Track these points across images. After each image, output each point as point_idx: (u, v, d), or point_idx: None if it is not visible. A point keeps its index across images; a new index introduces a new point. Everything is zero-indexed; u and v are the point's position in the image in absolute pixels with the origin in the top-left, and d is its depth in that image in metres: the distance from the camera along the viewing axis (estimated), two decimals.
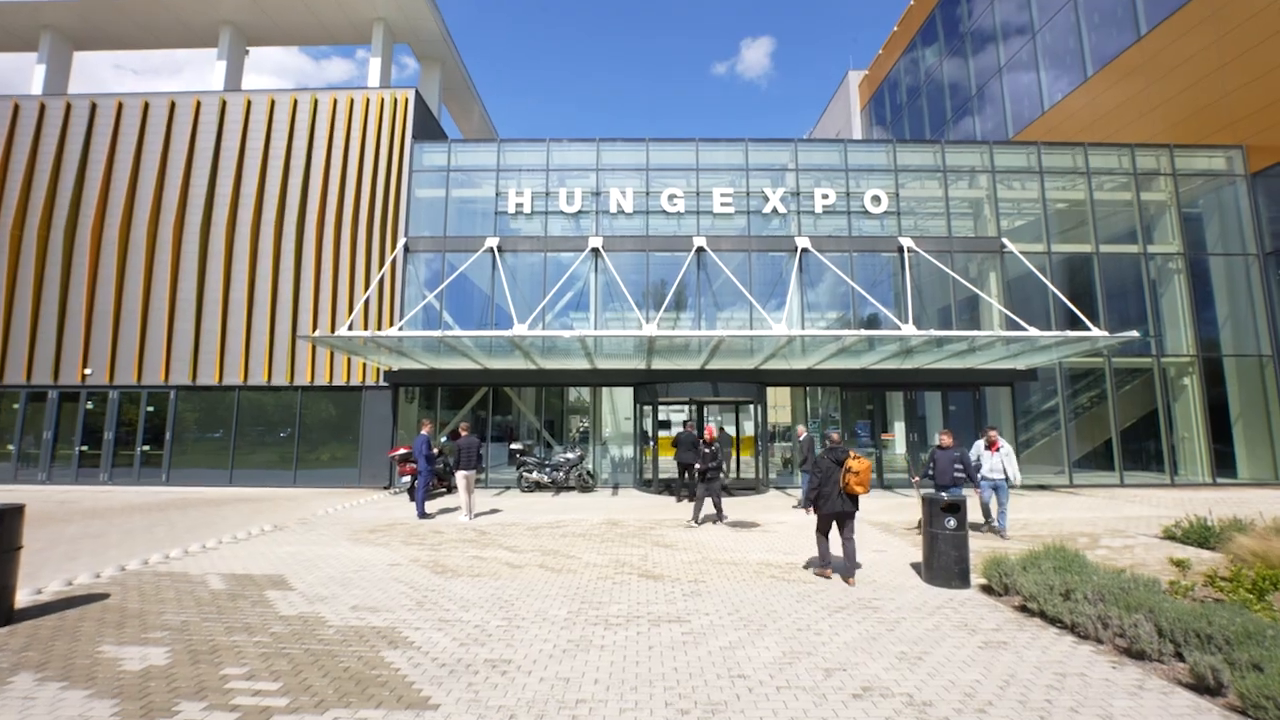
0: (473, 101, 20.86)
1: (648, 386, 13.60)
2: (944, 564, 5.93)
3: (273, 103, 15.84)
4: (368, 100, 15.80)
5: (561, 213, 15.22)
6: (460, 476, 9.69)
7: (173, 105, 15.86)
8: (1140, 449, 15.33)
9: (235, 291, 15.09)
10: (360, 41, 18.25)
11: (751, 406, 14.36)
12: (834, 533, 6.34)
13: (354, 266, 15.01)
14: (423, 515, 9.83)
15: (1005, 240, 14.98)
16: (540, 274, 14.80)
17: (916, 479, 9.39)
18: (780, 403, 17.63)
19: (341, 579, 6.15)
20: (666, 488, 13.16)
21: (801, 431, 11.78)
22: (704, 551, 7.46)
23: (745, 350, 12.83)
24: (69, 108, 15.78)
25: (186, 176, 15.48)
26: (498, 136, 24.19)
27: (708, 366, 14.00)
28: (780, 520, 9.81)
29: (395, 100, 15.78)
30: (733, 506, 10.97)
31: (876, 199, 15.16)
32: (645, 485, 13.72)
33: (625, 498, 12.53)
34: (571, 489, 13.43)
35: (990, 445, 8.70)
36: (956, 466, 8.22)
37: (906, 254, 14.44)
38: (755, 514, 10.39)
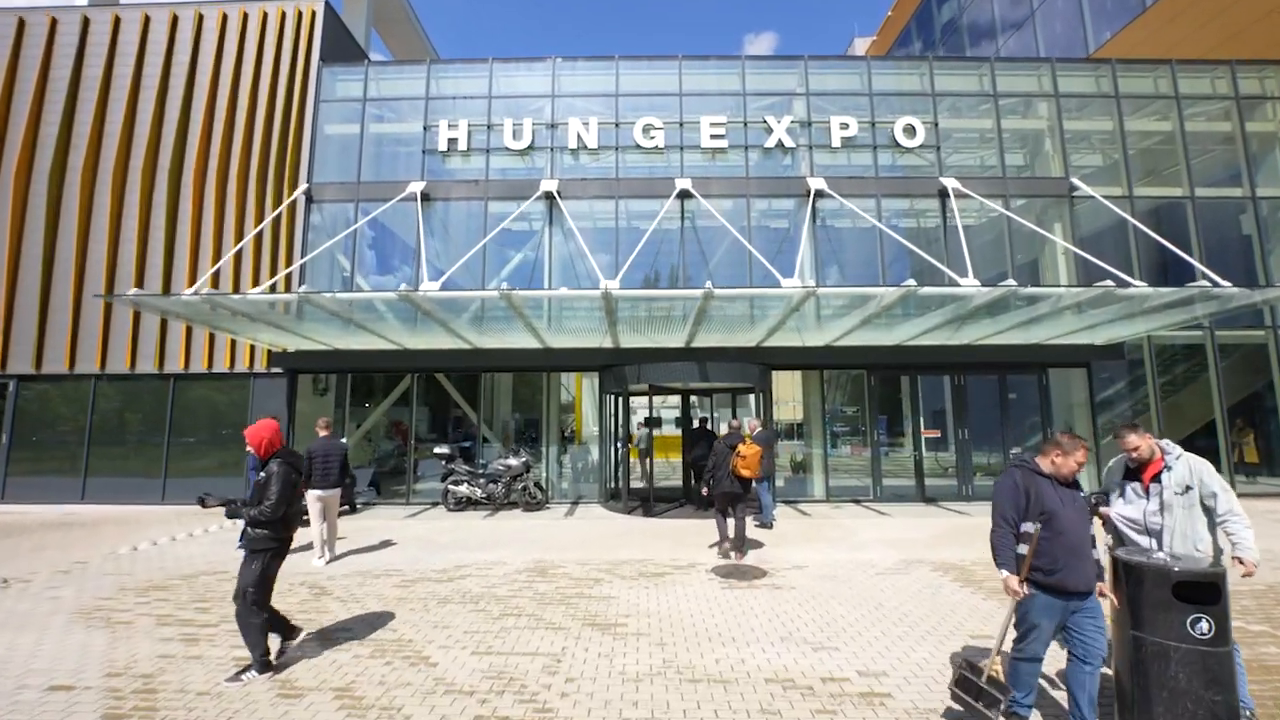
0: (414, 35, 17.47)
1: (615, 370, 10.31)
2: None
3: (146, 20, 12.54)
4: (265, 15, 12.50)
5: (507, 149, 11.92)
6: (311, 499, 6.43)
7: (21, 25, 12.56)
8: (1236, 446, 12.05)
9: (93, 254, 11.81)
10: None
11: (752, 397, 11.11)
12: None
13: (242, 222, 11.72)
14: None
15: (1076, 180, 11.68)
16: (479, 227, 11.50)
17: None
18: (788, 395, 14.39)
19: None
20: (642, 503, 9.91)
21: (754, 425, 8.62)
22: (671, 642, 4.19)
23: (743, 319, 9.55)
24: None
25: (36, 113, 12.18)
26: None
27: (694, 344, 10.72)
28: (795, 563, 6.54)
29: (300, 15, 12.49)
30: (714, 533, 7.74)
31: (910, 129, 11.86)
32: (613, 499, 10.44)
33: (582, 520, 9.26)
34: (513, 506, 10.16)
35: (1143, 465, 3.33)
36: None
37: (953, 197, 11.12)
38: (758, 547, 7.13)
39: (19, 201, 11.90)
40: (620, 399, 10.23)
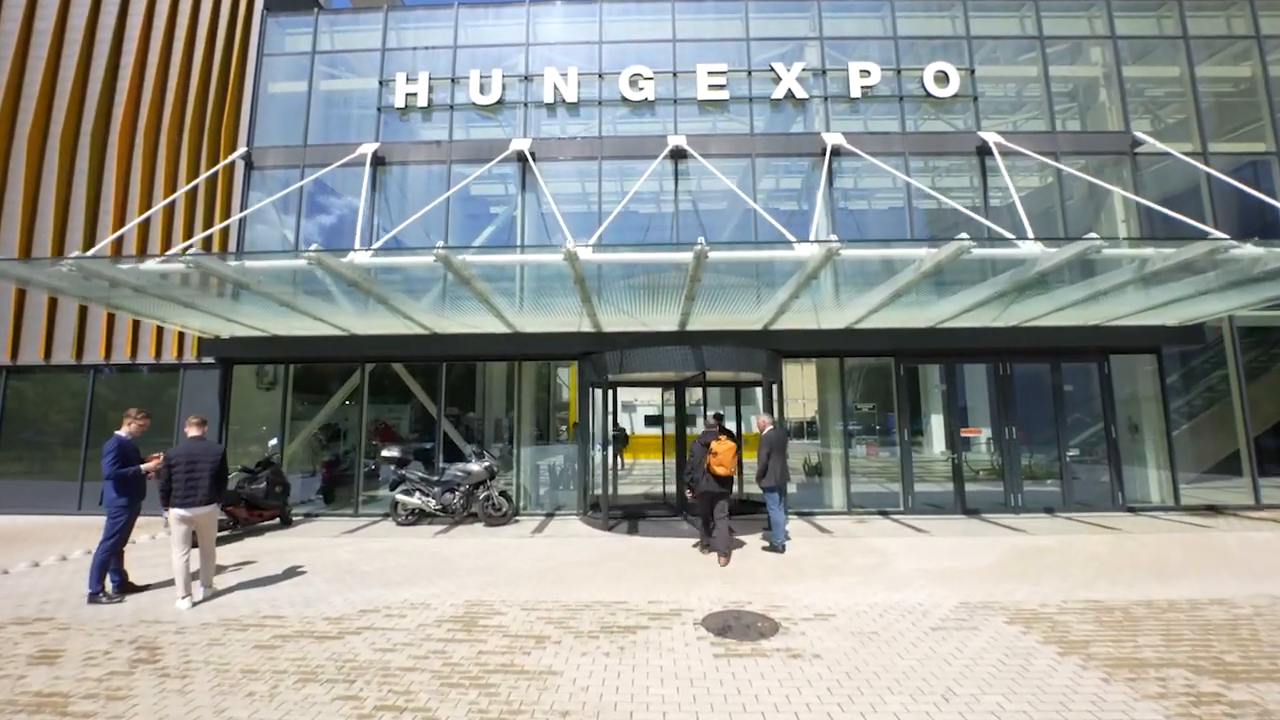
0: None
1: (594, 358, 8.69)
2: None
3: None
4: None
5: (474, 106, 10.32)
6: (173, 519, 4.86)
7: None
8: None
9: (6, 228, 10.35)
10: None
11: (759, 390, 9.45)
12: None
13: (173, 191, 10.21)
14: (95, 593, 5.01)
15: (1140, 134, 9.91)
16: (440, 189, 9.91)
17: None
18: (798, 390, 12.80)
19: None
20: (626, 518, 8.29)
21: (763, 423, 7.04)
22: None
23: (747, 294, 7.90)
24: None
25: None
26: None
27: (690, 326, 9.08)
28: (818, 608, 4.88)
29: None
30: (712, 562, 6.10)
31: (942, 77, 10.14)
32: (594, 510, 8.82)
33: (551, 539, 7.65)
34: (473, 519, 8.57)
35: None
36: None
37: (996, 151, 9.39)
38: (766, 580, 5.49)
39: None
40: (601, 391, 8.60)
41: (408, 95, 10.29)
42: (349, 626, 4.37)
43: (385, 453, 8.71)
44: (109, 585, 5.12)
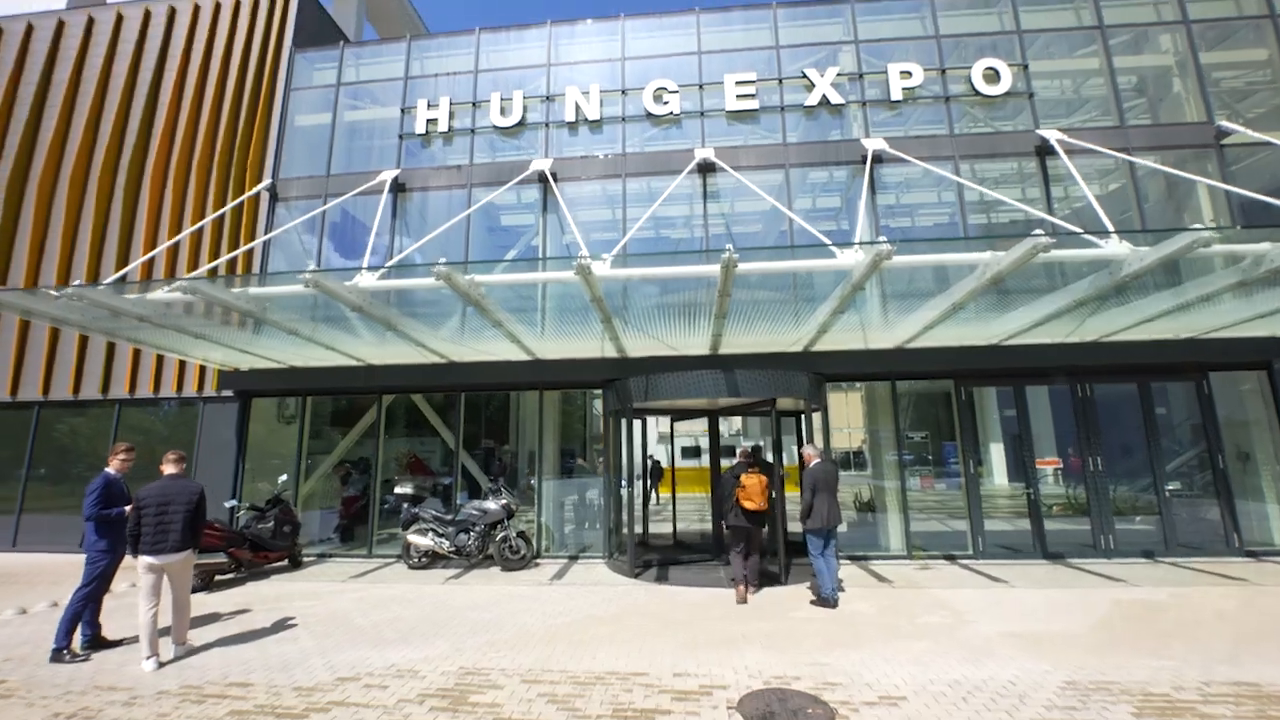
0: (411, 24, 16.17)
1: (618, 385, 8.02)
2: None
3: (119, 19, 11.58)
4: (238, 4, 11.32)
5: (495, 128, 10.08)
6: (141, 567, 4.37)
7: None
8: None
9: (47, 262, 10.59)
10: None
11: (801, 417, 8.56)
12: None
13: (203, 232, 10.26)
14: (60, 649, 4.53)
15: (1226, 123, 8.81)
16: (462, 222, 9.58)
17: None
18: (845, 419, 11.81)
19: None
20: (658, 562, 7.46)
21: (810, 456, 6.19)
22: None
23: (784, 310, 7.14)
24: None
25: (2, 125, 11.27)
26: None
27: (723, 350, 8.36)
28: (881, 688, 3.95)
29: (273, 1, 11.25)
30: (766, 611, 5.22)
31: (992, 74, 9.34)
32: (620, 555, 8.02)
33: (570, 587, 6.89)
34: (490, 562, 7.89)
35: None
36: None
37: (1060, 149, 8.46)
38: (816, 644, 4.57)
39: None
40: (625, 421, 7.89)
41: (429, 121, 10.15)
42: (318, 701, 3.71)
43: (398, 489, 8.18)
44: (78, 640, 4.65)
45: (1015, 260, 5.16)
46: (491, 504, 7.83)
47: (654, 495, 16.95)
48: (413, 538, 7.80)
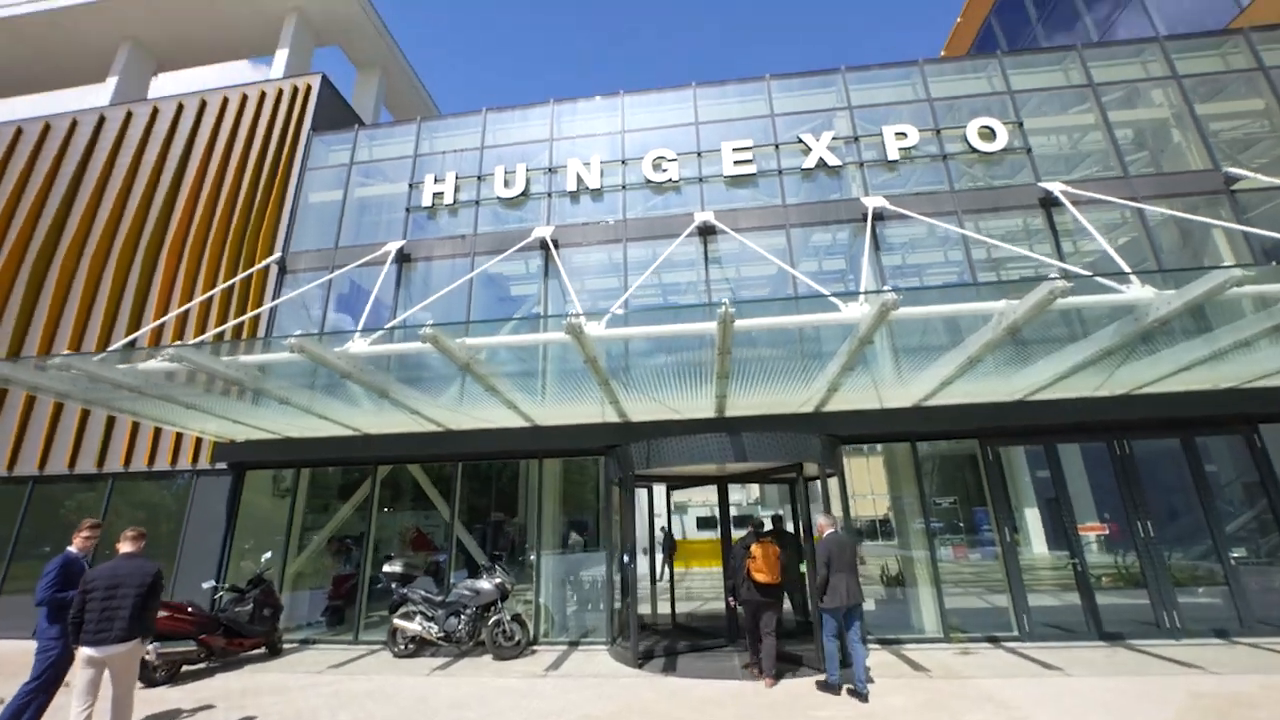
0: (425, 108, 17.12)
1: (619, 451, 7.61)
2: None
3: (155, 112, 12.41)
4: (263, 95, 12.11)
5: (498, 199, 10.31)
6: (79, 661, 3.93)
7: (45, 129, 12.71)
8: None
9: (58, 346, 10.72)
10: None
11: (817, 483, 8.02)
12: None
13: (211, 297, 10.42)
14: None
15: (1234, 169, 8.67)
16: (464, 286, 9.61)
17: None
18: (868, 485, 11.22)
19: None
20: (666, 651, 6.75)
21: (823, 526, 5.70)
22: None
23: (790, 366, 6.82)
24: None
25: (37, 209, 11.82)
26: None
27: (729, 412, 7.98)
28: None
29: (295, 91, 12.01)
30: (785, 708, 4.55)
31: (987, 132, 9.43)
32: (623, 641, 7.29)
33: (566, 680, 6.21)
34: (482, 649, 7.21)
35: None
36: None
37: (1067, 204, 8.33)
38: None
39: (2, 293, 11.21)
40: (627, 491, 7.41)
41: (435, 194, 10.45)
42: None
43: (387, 567, 7.65)
44: None
45: (1031, 308, 4.85)
46: (485, 584, 7.27)
47: (666, 571, 16.00)
48: (399, 622, 7.21)
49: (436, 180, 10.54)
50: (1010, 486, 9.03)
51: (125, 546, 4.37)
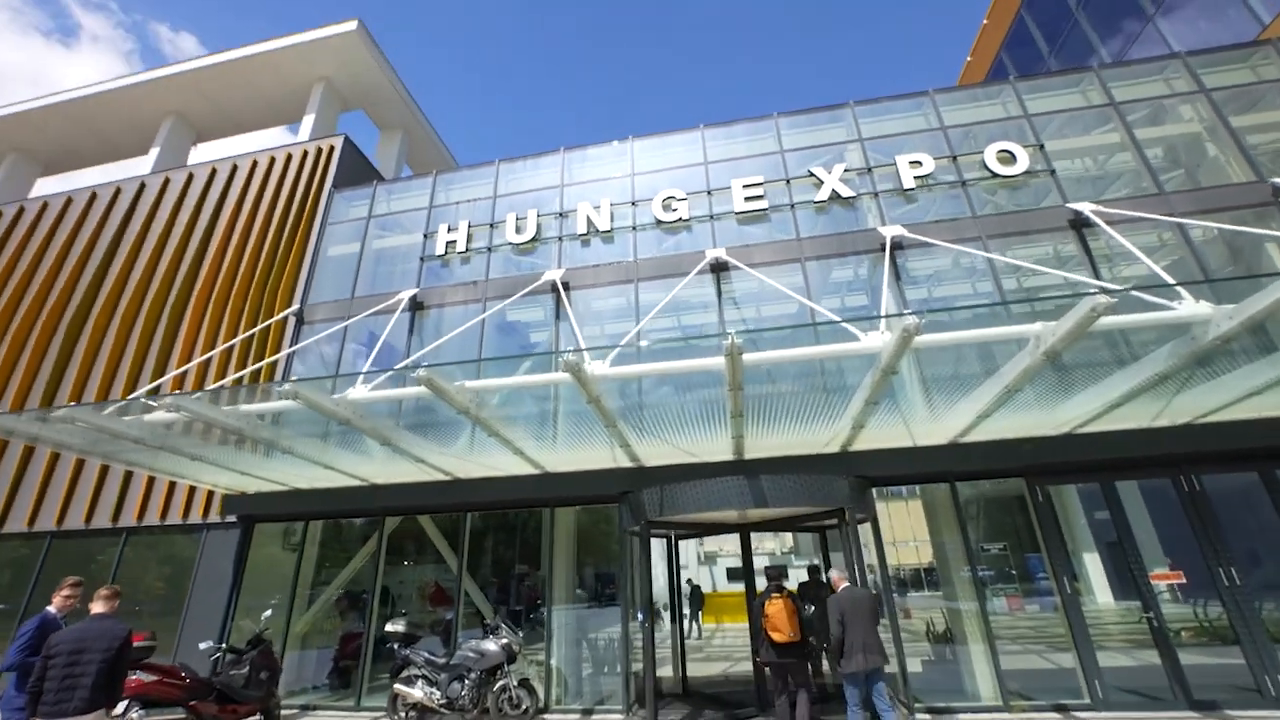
0: (444, 163, 17.68)
1: (631, 498, 7.17)
2: None
3: (190, 178, 13.08)
4: (289, 157, 12.66)
5: (510, 245, 10.35)
6: None
7: (92, 198, 13.50)
8: None
9: (87, 396, 10.96)
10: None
11: (844, 529, 7.39)
12: None
13: (231, 351, 10.57)
14: None
15: None
16: (475, 331, 9.53)
17: None
18: (909, 531, 10.53)
19: None
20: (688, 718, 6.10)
21: (838, 581, 5.39)
22: None
23: (812, 407, 6.38)
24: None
25: (78, 272, 12.43)
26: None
27: (748, 454, 7.50)
28: None
29: (319, 151, 12.54)
30: None
31: (1007, 156, 9.14)
32: (638, 709, 6.64)
33: None
34: (487, 717, 6.63)
35: None
36: None
37: (1098, 220, 7.89)
38: None
39: (37, 355, 11.62)
40: (640, 540, 6.92)
41: (448, 243, 10.56)
42: None
43: (389, 626, 7.21)
44: None
45: (1072, 328, 4.40)
46: (490, 644, 6.77)
47: (694, 627, 15.07)
48: (400, 687, 6.73)
49: (450, 229, 10.68)
50: (1065, 529, 8.21)
51: (97, 606, 4.11)
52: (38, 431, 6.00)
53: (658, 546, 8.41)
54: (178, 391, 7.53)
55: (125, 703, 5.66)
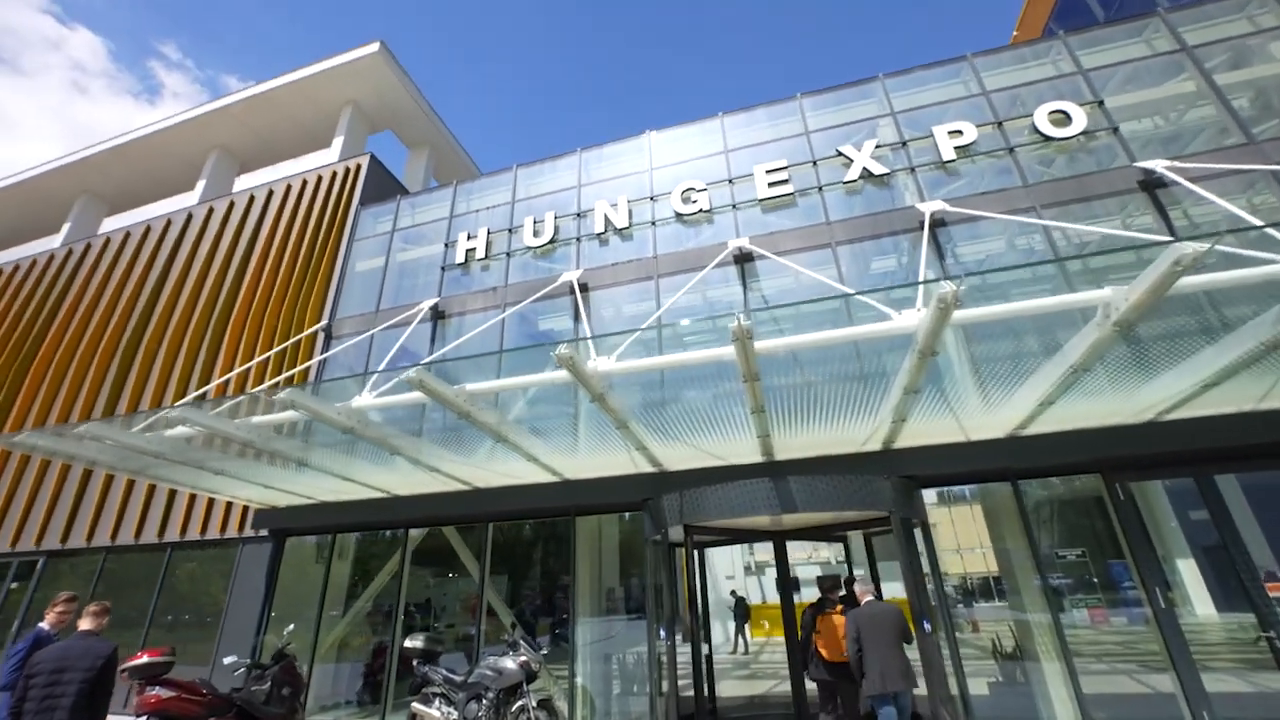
0: (472, 174, 17.84)
1: (652, 505, 6.70)
2: None
3: (231, 205, 13.64)
4: (319, 178, 12.99)
5: (529, 249, 10.15)
6: None
7: (146, 230, 14.30)
8: None
9: (142, 401, 11.45)
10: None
11: (891, 536, 6.67)
12: None
13: (265, 367, 10.81)
14: None
15: None
16: (494, 335, 9.35)
17: None
18: (975, 537, 9.66)
19: None
20: None
21: (862, 595, 4.86)
22: None
23: (846, 398, 5.76)
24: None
25: (133, 301, 13.14)
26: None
27: (778, 455, 6.89)
28: None
29: (348, 170, 12.80)
30: None
31: (1060, 117, 8.23)
32: None
33: None
34: None
35: None
36: None
37: (1179, 178, 6.93)
38: None
39: (99, 375, 12.28)
40: (663, 549, 6.43)
41: (468, 251, 10.47)
42: None
43: (408, 643, 6.98)
44: None
45: (1150, 288, 3.67)
46: (509, 662, 6.41)
47: (740, 641, 14.34)
48: (418, 706, 6.47)
49: (470, 237, 10.60)
50: (1155, 532, 7.17)
51: (84, 623, 4.00)
52: (57, 447, 6.12)
53: (664, 556, 7.87)
54: (181, 402, 7.62)
55: (144, 719, 5.61)
